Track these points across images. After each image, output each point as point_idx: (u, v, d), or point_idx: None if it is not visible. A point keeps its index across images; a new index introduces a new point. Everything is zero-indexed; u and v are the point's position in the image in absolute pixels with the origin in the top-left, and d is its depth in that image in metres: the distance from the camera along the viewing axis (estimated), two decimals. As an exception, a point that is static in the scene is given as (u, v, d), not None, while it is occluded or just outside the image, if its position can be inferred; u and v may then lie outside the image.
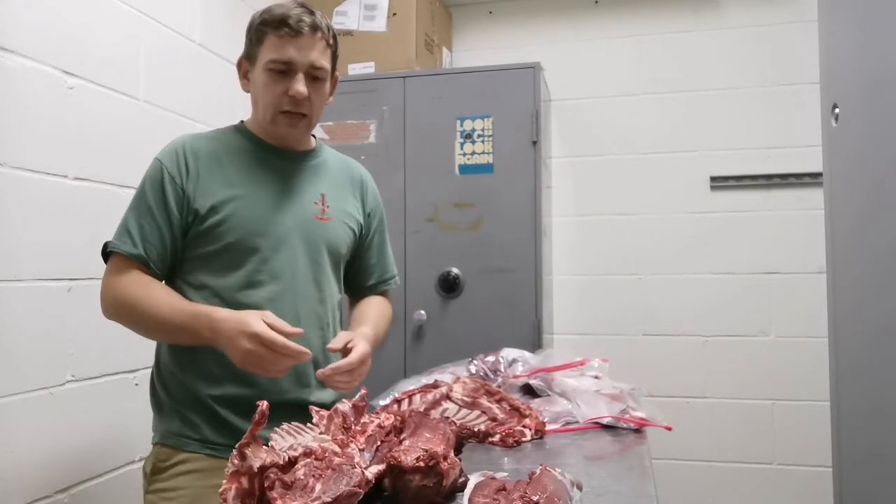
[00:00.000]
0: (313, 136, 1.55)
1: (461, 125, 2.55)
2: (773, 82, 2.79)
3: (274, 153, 1.45)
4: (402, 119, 2.60)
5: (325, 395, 1.41)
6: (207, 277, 1.36)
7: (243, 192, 1.37)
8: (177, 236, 1.35)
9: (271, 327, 1.18)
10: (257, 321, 1.18)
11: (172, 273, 1.39)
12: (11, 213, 1.57)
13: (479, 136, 2.53)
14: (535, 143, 2.49)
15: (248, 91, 1.44)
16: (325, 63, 1.39)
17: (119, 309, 1.33)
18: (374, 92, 2.62)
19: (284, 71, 1.35)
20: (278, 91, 1.36)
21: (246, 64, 1.43)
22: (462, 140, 2.55)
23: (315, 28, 1.36)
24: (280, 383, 1.35)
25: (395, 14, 2.67)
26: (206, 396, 1.34)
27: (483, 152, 2.53)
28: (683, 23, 2.88)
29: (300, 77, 1.35)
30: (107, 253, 1.36)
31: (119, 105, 1.91)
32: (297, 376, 1.37)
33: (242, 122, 1.49)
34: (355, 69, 2.70)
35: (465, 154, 2.55)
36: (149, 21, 2.04)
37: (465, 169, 2.54)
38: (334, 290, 1.49)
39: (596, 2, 2.97)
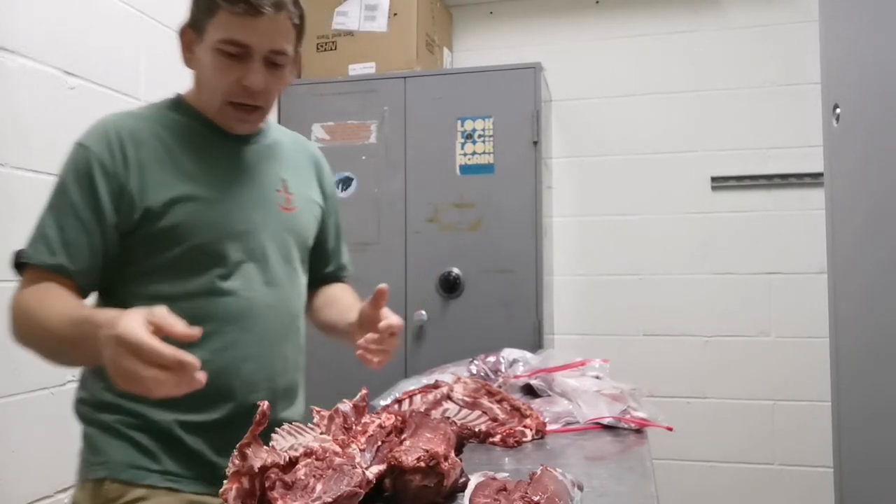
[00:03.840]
0: None
1: (462, 125, 2.55)
2: (774, 82, 2.79)
3: (226, 135, 1.23)
4: (402, 119, 2.59)
5: (294, 412, 1.27)
6: (163, 286, 1.13)
7: (203, 186, 1.16)
8: (110, 240, 1.11)
9: (156, 328, 0.85)
10: (130, 320, 0.85)
11: (113, 283, 1.14)
12: (12, 214, 1.57)
13: (479, 136, 2.53)
14: (535, 143, 2.49)
15: (191, 67, 1.20)
16: (289, 46, 1.16)
17: (18, 330, 1.06)
18: (374, 92, 2.62)
19: (238, 55, 1.12)
20: (230, 79, 1.13)
21: (191, 34, 1.17)
22: (462, 140, 2.55)
23: (279, 6, 1.11)
24: (252, 399, 1.14)
25: (395, 14, 2.67)
26: (164, 421, 1.12)
27: (483, 152, 2.53)
28: (684, 23, 2.88)
29: (258, 66, 1.13)
30: (21, 264, 1.10)
31: (120, 105, 1.91)
32: (270, 391, 1.19)
33: (180, 96, 1.25)
34: (356, 69, 2.70)
35: (465, 154, 2.54)
36: (149, 21, 2.04)
37: (465, 169, 2.54)
38: (304, 289, 1.33)
39: (596, 2, 2.97)
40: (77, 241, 1.08)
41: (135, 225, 1.11)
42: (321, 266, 1.43)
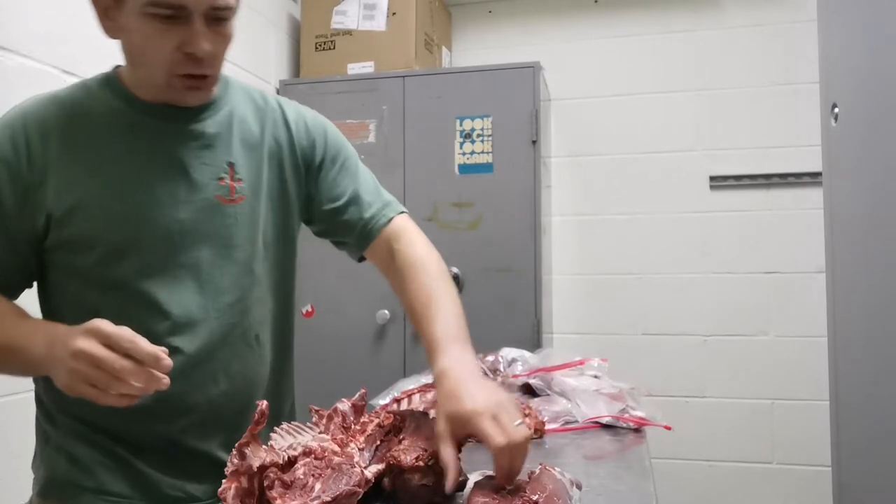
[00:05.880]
0: None
1: (461, 124, 2.55)
2: (773, 82, 2.79)
3: (158, 115, 1.02)
4: (401, 118, 2.59)
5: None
6: (89, 294, 1.01)
7: (115, 180, 0.99)
8: (20, 248, 0.99)
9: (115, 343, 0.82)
10: (104, 322, 0.83)
11: (43, 289, 1.05)
12: (11, 213, 1.57)
13: (478, 135, 2.53)
14: (534, 142, 2.49)
15: (114, 38, 0.99)
16: None
17: None
18: (373, 91, 2.62)
19: (173, 17, 0.92)
20: (168, 47, 0.93)
21: None
22: (461, 139, 2.55)
23: None
24: (184, 422, 1.03)
25: (394, 13, 2.67)
26: (100, 429, 1.01)
27: (482, 152, 2.53)
28: (683, 23, 2.88)
29: (199, 27, 0.93)
30: None
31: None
32: (214, 412, 1.05)
33: (116, 71, 1.07)
34: (355, 69, 2.70)
35: (464, 153, 2.54)
36: (148, 20, 2.04)
37: (464, 168, 2.54)
38: (264, 288, 1.10)
39: (596, 1, 2.97)
40: None
41: (42, 232, 0.98)
42: (355, 217, 1.17)
